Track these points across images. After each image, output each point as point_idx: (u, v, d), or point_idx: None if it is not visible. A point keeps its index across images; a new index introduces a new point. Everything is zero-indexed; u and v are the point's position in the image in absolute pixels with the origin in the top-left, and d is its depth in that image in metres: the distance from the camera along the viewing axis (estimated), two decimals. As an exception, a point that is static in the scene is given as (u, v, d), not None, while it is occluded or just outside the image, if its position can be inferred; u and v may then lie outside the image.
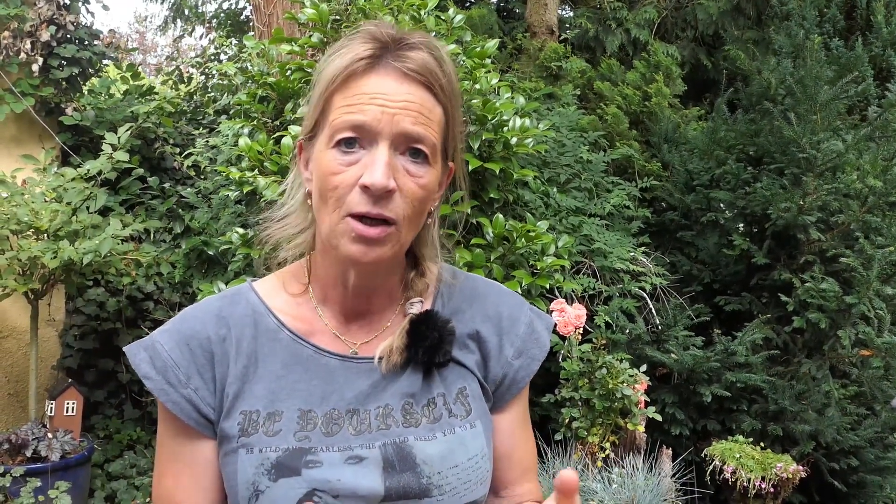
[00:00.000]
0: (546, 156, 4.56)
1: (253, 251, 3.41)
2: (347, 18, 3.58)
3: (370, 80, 1.07)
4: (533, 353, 1.24)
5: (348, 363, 1.15)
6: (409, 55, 1.08)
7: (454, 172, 1.20)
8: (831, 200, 4.51)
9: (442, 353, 1.15)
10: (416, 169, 1.08)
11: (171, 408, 1.12)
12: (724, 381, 4.24)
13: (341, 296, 1.18)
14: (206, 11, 10.54)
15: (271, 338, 1.16)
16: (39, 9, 4.85)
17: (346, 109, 1.07)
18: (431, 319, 1.17)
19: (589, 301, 4.32)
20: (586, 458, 3.56)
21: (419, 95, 1.08)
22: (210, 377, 1.13)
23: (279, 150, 3.36)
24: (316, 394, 1.13)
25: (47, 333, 4.97)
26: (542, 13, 7.36)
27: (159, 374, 1.13)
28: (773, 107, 4.86)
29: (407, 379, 1.15)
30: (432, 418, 1.13)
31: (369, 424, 1.11)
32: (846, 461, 4.27)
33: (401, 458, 1.09)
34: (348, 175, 1.06)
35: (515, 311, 1.25)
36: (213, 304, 1.19)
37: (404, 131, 1.06)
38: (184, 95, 6.26)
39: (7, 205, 4.18)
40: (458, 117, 1.15)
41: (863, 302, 4.26)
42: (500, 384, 1.22)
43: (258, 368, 1.14)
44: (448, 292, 1.24)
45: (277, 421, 1.10)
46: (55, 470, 4.00)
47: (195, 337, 1.14)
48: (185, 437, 1.15)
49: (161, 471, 1.17)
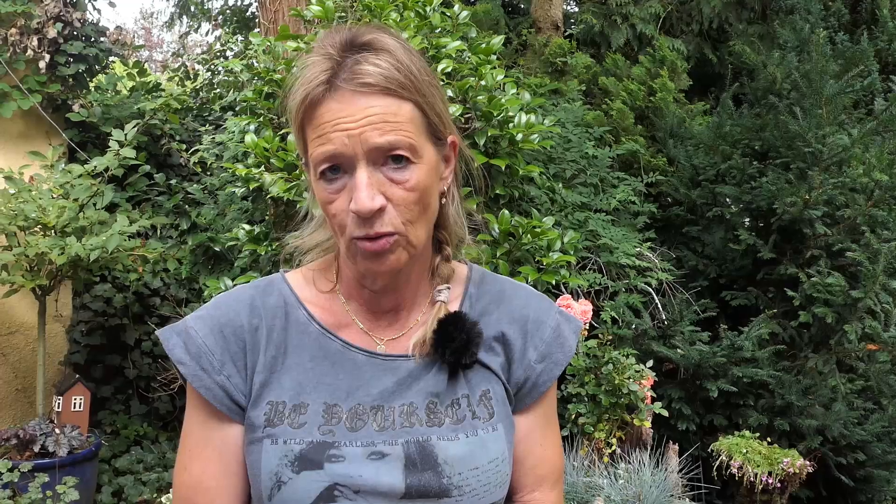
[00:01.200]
0: (551, 151, 4.56)
1: (260, 248, 3.43)
2: (353, 15, 3.58)
3: (329, 106, 1.07)
4: (556, 358, 1.24)
5: (375, 359, 1.17)
6: (358, 69, 1.07)
7: (458, 145, 1.19)
8: (837, 195, 4.50)
9: (469, 354, 1.16)
10: (401, 175, 1.08)
11: (204, 393, 1.14)
12: (730, 377, 4.24)
13: (368, 295, 1.19)
14: (211, 8, 10.54)
15: (301, 330, 1.18)
16: (46, 6, 4.86)
17: (317, 142, 1.08)
18: (460, 321, 1.17)
19: (595, 296, 4.32)
20: (593, 454, 3.56)
21: (380, 104, 1.06)
22: (242, 365, 1.15)
23: (285, 147, 3.36)
24: (342, 388, 1.14)
25: (55, 329, 4.99)
26: (547, 8, 7.35)
27: (193, 359, 1.14)
28: (778, 101, 4.84)
29: (433, 378, 1.16)
30: (456, 419, 1.14)
31: (393, 421, 1.12)
32: (853, 456, 4.26)
33: (423, 456, 1.10)
34: (340, 202, 1.08)
35: (542, 315, 1.25)
36: (246, 292, 1.21)
37: (375, 146, 1.06)
38: (190, 92, 6.27)
39: (14, 201, 4.20)
40: (432, 97, 1.12)
41: (869, 296, 4.26)
42: (521, 387, 1.22)
43: (286, 360, 1.16)
44: (476, 293, 1.25)
45: (303, 413, 1.12)
46: (63, 465, 4.02)
47: (229, 324, 1.16)
48: (215, 423, 1.16)
49: (188, 458, 1.17)
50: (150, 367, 5.02)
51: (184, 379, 1.15)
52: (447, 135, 1.16)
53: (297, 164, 3.30)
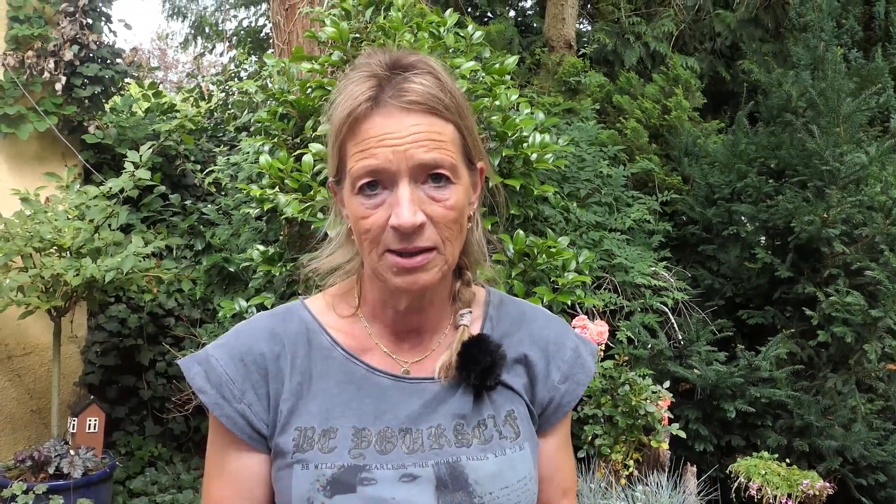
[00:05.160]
0: (566, 171, 4.55)
1: (274, 268, 3.42)
2: (367, 37, 3.59)
3: (374, 121, 1.08)
4: (579, 379, 1.26)
5: (401, 383, 1.17)
6: (406, 87, 1.08)
7: (485, 171, 1.21)
8: (855, 213, 4.46)
9: (494, 377, 1.17)
10: (441, 193, 1.09)
11: (225, 422, 1.14)
12: (748, 397, 4.20)
13: (392, 317, 1.20)
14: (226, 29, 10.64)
15: (325, 356, 1.18)
16: (63, 28, 4.90)
17: (359, 156, 1.08)
18: (484, 343, 1.18)
19: (610, 316, 4.29)
20: (610, 476, 3.53)
21: (426, 123, 1.08)
22: (264, 393, 1.15)
23: (300, 168, 3.36)
24: (369, 412, 1.15)
25: (69, 350, 5.00)
26: (560, 28, 7.36)
27: (214, 388, 1.15)
28: (794, 119, 4.82)
29: (458, 400, 1.17)
30: (483, 439, 1.15)
31: (422, 443, 1.13)
32: (874, 477, 4.21)
33: (453, 477, 1.11)
34: (377, 217, 1.08)
35: (562, 337, 1.27)
36: (265, 321, 1.21)
37: (420, 162, 1.07)
38: (204, 112, 6.29)
39: (30, 222, 4.22)
40: (470, 121, 1.15)
41: (889, 315, 4.22)
42: (545, 408, 1.24)
43: (312, 385, 1.16)
44: (496, 315, 1.26)
45: (332, 438, 1.12)
46: (77, 487, 4.01)
47: (250, 353, 1.17)
48: (234, 450, 1.17)
49: (209, 480, 1.20)
50: (164, 387, 5.02)
51: (206, 408, 1.16)
52: (478, 161, 1.18)
53: (312, 185, 3.30)
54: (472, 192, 1.17)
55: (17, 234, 4.14)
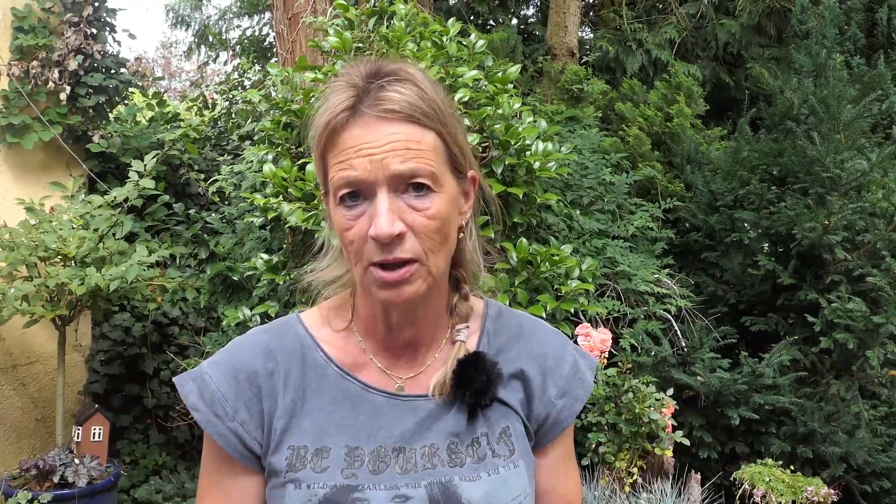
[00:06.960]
0: (569, 178, 4.55)
1: (278, 277, 3.43)
2: (370, 46, 3.61)
3: (352, 132, 1.07)
4: (577, 394, 1.24)
5: (395, 400, 1.16)
6: (383, 95, 1.07)
7: (478, 180, 1.20)
8: (857, 219, 4.47)
9: (488, 396, 1.15)
10: (421, 202, 1.07)
11: (218, 440, 1.14)
12: (751, 404, 4.20)
13: (385, 332, 1.18)
14: (230, 38, 10.68)
15: (319, 373, 1.17)
16: (67, 38, 4.93)
17: (338, 167, 1.07)
18: (480, 362, 1.17)
19: (613, 324, 4.30)
20: (614, 484, 3.53)
21: (403, 132, 1.06)
22: (257, 411, 1.15)
23: (303, 177, 3.38)
24: (363, 430, 1.14)
25: (74, 359, 5.01)
26: (563, 35, 7.39)
27: (207, 406, 1.14)
28: (796, 126, 4.83)
29: (452, 418, 1.15)
30: (476, 458, 1.14)
31: (415, 464, 1.12)
32: (878, 483, 4.21)
33: (446, 497, 1.10)
34: (359, 228, 1.07)
35: (560, 351, 1.25)
36: (261, 336, 1.20)
37: (396, 172, 1.05)
38: (208, 121, 6.31)
39: (35, 232, 4.24)
40: (454, 129, 1.13)
41: (891, 321, 4.22)
42: (542, 424, 1.22)
43: (306, 403, 1.15)
44: (494, 329, 1.24)
45: (325, 457, 1.11)
46: (82, 496, 4.01)
47: (243, 370, 1.16)
48: (227, 468, 1.17)
49: (202, 496, 1.20)
50: (168, 396, 5.03)
51: (199, 425, 1.15)
52: (467, 169, 1.16)
53: (316, 194, 3.31)
54: (461, 200, 1.15)
55: (21, 244, 4.15)
